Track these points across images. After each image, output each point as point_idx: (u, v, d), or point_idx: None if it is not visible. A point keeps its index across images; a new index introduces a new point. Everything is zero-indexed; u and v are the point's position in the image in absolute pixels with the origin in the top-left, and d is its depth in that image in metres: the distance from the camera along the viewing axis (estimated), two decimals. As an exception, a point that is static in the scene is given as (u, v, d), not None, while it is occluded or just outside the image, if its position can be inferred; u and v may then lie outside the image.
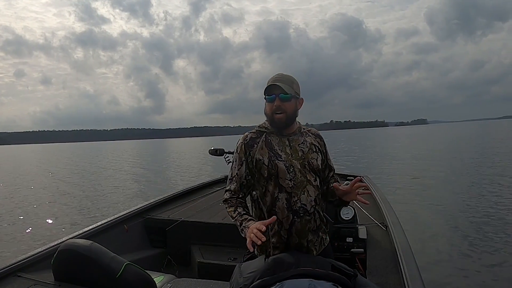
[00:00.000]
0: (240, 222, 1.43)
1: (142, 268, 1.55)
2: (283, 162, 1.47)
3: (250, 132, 1.57)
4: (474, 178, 9.73)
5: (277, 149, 1.50)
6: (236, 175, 1.53)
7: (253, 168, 1.50)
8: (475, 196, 7.43)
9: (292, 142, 1.53)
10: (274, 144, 1.51)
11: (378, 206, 2.74)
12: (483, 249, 4.42)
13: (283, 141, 1.52)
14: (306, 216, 1.46)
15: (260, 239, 1.22)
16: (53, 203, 9.26)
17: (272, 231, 1.46)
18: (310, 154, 1.52)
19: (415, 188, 8.91)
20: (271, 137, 1.53)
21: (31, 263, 1.79)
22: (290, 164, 1.47)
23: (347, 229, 2.24)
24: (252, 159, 1.50)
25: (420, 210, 6.51)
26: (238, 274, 1.23)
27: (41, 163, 29.29)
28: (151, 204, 3.11)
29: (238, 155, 1.54)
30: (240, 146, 1.54)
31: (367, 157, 19.34)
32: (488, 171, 10.94)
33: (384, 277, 1.65)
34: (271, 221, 1.28)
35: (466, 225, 5.44)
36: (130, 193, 10.18)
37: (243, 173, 1.52)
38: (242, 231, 1.39)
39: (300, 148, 1.52)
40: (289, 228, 1.45)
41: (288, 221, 1.45)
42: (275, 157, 1.48)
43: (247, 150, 1.51)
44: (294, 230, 1.45)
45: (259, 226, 1.27)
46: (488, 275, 3.72)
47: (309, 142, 1.55)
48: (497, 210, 6.23)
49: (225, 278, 1.55)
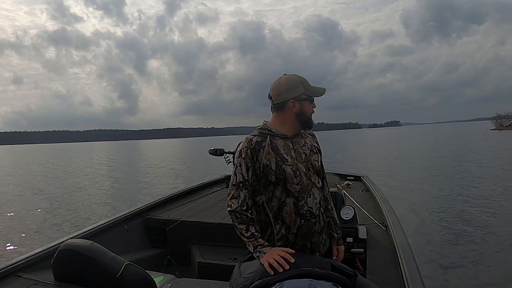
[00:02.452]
0: (254, 245, 1.38)
1: (142, 268, 1.55)
2: (290, 166, 1.44)
3: (254, 135, 1.50)
4: (474, 178, 9.74)
5: (283, 153, 1.46)
6: (242, 181, 1.45)
7: (260, 173, 1.45)
8: (475, 196, 7.44)
9: (296, 145, 1.51)
10: (279, 148, 1.47)
11: (378, 206, 2.74)
12: (483, 248, 4.43)
13: (287, 144, 1.49)
14: (312, 219, 1.45)
15: (284, 267, 1.19)
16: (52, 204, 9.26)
17: (278, 235, 1.45)
18: (312, 156, 1.52)
19: (411, 188, 8.92)
20: (275, 140, 1.49)
21: (31, 263, 1.79)
22: (296, 168, 1.45)
23: (347, 229, 2.24)
24: (260, 165, 1.44)
25: (420, 210, 6.52)
26: (238, 274, 1.22)
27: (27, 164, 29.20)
28: (151, 204, 3.11)
29: (244, 160, 1.45)
30: (245, 150, 1.45)
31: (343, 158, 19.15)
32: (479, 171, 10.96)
33: (384, 277, 1.65)
34: (292, 252, 1.26)
35: (466, 225, 5.45)
36: (108, 195, 10.19)
37: (250, 179, 1.45)
38: (257, 255, 1.35)
39: (303, 151, 1.51)
40: (297, 232, 1.44)
41: (296, 225, 1.43)
42: (282, 162, 1.44)
43: (254, 155, 1.45)
44: (300, 234, 1.44)
45: (283, 254, 1.24)
46: (488, 275, 3.72)
47: (309, 144, 1.55)
48: (498, 209, 6.24)
49: (225, 278, 1.55)
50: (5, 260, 1.76)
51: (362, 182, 3.78)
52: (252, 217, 1.47)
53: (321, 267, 1.13)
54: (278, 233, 1.45)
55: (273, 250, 1.30)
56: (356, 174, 4.06)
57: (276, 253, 1.25)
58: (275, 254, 1.25)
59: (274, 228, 1.46)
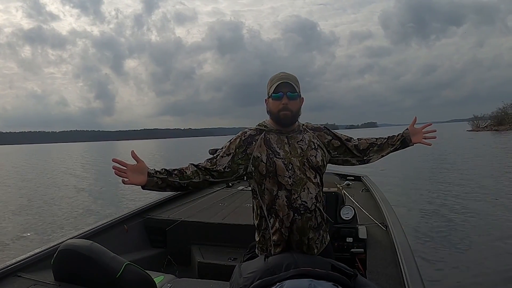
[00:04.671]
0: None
1: (142, 268, 1.55)
2: (282, 159, 1.47)
3: (250, 129, 1.56)
4: (472, 178, 9.75)
5: (275, 147, 1.49)
6: (217, 158, 1.50)
7: (249, 166, 1.50)
8: (474, 196, 7.44)
9: (291, 139, 1.52)
10: (272, 142, 1.51)
11: (378, 206, 2.74)
12: (484, 248, 4.43)
13: (281, 139, 1.52)
14: (307, 214, 1.45)
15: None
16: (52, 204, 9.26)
17: (273, 229, 1.46)
18: (309, 151, 1.51)
19: (408, 188, 8.92)
20: (270, 135, 1.53)
21: (31, 263, 1.79)
22: (289, 161, 1.47)
23: (347, 229, 2.24)
24: (250, 156, 1.49)
25: (420, 210, 6.52)
26: (238, 274, 1.22)
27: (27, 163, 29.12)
28: (151, 204, 3.12)
29: (230, 145, 1.52)
30: (235, 138, 1.54)
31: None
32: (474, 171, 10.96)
33: (384, 277, 1.65)
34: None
35: (466, 225, 5.45)
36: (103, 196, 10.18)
37: (224, 163, 1.49)
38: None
39: (299, 146, 1.51)
40: (290, 225, 1.44)
41: (289, 219, 1.44)
42: (273, 155, 1.48)
43: (243, 145, 1.50)
44: (295, 228, 1.44)
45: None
46: (489, 275, 3.72)
47: (308, 139, 1.55)
48: (498, 209, 6.24)
49: (225, 278, 1.55)
50: (5, 260, 1.76)
51: (362, 182, 3.79)
52: (190, 172, 1.48)
53: (321, 267, 1.13)
54: (273, 227, 1.46)
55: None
56: (356, 174, 4.06)
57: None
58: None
59: (268, 222, 1.48)
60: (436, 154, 16.94)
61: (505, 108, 45.56)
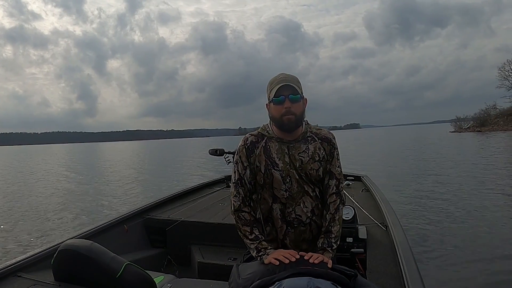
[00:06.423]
0: (258, 248, 1.37)
1: (142, 268, 1.55)
2: (280, 172, 1.41)
3: (251, 134, 1.49)
4: (473, 178, 9.74)
5: (274, 157, 1.42)
6: (241, 178, 1.46)
7: (253, 174, 1.46)
8: (474, 196, 7.43)
9: (292, 150, 1.43)
10: (272, 151, 1.43)
11: (378, 206, 2.74)
12: (484, 248, 4.42)
13: (282, 148, 1.43)
14: (301, 227, 1.43)
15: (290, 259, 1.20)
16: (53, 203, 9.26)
17: (269, 237, 1.46)
18: (310, 164, 1.43)
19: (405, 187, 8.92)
20: (271, 143, 1.45)
21: (31, 263, 1.79)
22: (287, 174, 1.41)
23: (347, 229, 2.24)
24: (253, 165, 1.45)
25: (420, 210, 6.51)
26: (237, 275, 1.22)
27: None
28: (151, 204, 3.12)
29: (240, 158, 1.46)
30: (241, 149, 1.47)
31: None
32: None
33: (384, 277, 1.65)
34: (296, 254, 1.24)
35: (466, 225, 5.44)
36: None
37: (248, 177, 1.45)
38: (259, 256, 1.34)
39: (299, 157, 1.43)
40: (283, 238, 1.44)
41: (282, 232, 1.43)
42: (272, 166, 1.42)
43: (249, 154, 1.45)
44: (288, 241, 1.44)
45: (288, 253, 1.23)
46: (489, 275, 3.71)
47: (312, 150, 1.45)
48: (499, 209, 6.23)
49: (225, 278, 1.55)
50: (5, 260, 1.76)
51: (362, 182, 3.79)
52: (256, 218, 1.45)
53: (319, 266, 1.13)
54: (268, 235, 1.45)
55: (278, 250, 1.30)
56: (356, 174, 4.07)
57: (281, 253, 1.24)
58: (280, 253, 1.25)
59: (264, 230, 1.47)
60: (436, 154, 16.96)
61: (488, 109, 45.55)
